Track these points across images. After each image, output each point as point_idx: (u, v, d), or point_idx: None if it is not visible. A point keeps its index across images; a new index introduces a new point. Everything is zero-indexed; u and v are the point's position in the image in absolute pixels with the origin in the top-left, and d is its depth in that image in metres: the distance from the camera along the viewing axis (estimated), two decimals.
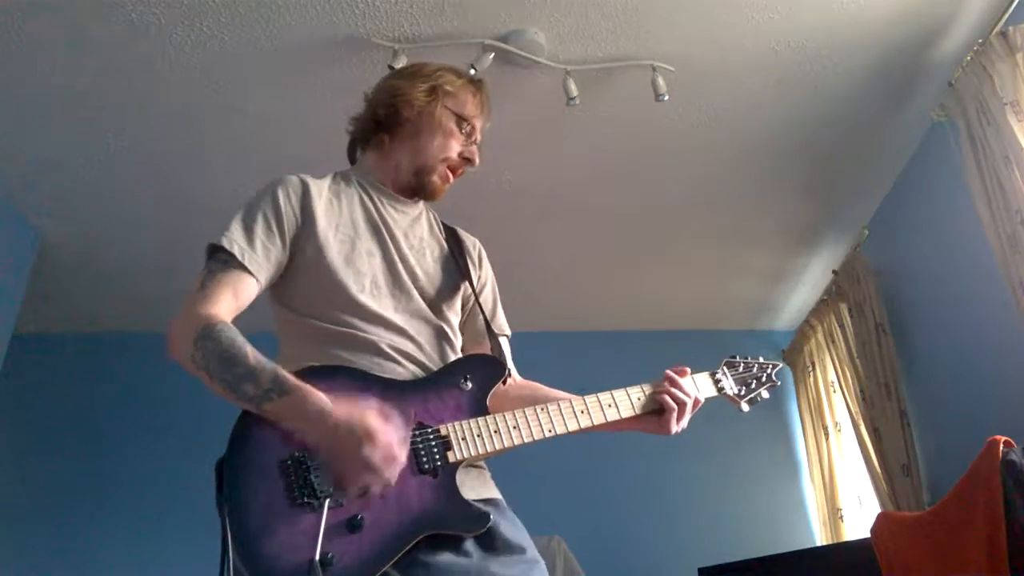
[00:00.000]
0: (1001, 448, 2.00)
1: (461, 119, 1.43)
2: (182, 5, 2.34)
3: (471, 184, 3.03)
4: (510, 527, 1.20)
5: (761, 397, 1.48)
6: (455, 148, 1.43)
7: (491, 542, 1.16)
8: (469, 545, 1.14)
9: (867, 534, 2.65)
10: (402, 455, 1.08)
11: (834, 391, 3.82)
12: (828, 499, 3.77)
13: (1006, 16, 2.44)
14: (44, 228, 3.29)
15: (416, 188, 1.43)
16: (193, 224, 3.24)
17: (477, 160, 1.46)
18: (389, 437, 1.06)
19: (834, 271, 3.77)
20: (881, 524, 2.62)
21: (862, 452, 3.39)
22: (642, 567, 3.68)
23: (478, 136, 1.47)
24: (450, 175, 1.44)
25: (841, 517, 3.66)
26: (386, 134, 1.44)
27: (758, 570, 3.14)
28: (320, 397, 1.08)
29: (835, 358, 3.72)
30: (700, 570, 3.25)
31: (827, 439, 3.83)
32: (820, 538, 3.85)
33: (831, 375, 3.83)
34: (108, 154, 2.91)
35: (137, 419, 3.84)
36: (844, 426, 3.73)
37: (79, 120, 2.75)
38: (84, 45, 2.45)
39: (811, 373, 4.05)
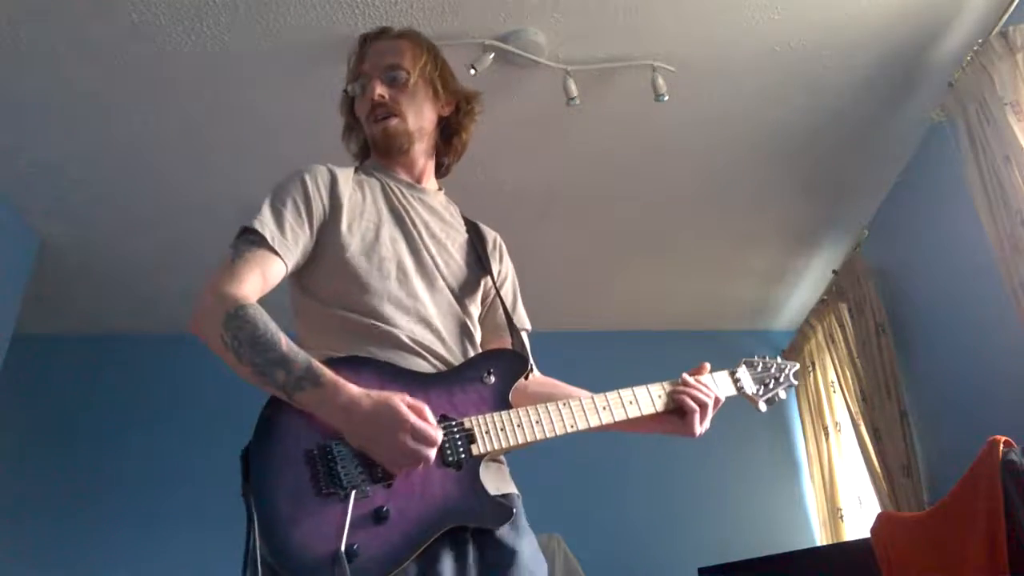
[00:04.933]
0: (1001, 448, 2.00)
1: (354, 82, 1.47)
2: (182, 5, 2.34)
3: (470, 184, 3.03)
4: (519, 529, 1.20)
5: (779, 397, 1.49)
6: (362, 106, 1.45)
7: (492, 543, 1.16)
8: (472, 545, 1.14)
9: (867, 534, 2.65)
10: (436, 435, 1.08)
11: (834, 391, 3.82)
12: (828, 499, 3.77)
13: (1006, 16, 2.45)
14: (43, 229, 3.29)
15: (381, 155, 1.46)
16: (193, 224, 3.26)
17: (372, 93, 1.42)
18: (421, 418, 1.07)
19: (834, 271, 3.77)
20: (881, 524, 2.61)
21: (862, 452, 3.39)
22: (642, 567, 3.68)
23: (376, 69, 1.44)
24: (377, 124, 1.43)
25: (841, 517, 3.66)
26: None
27: (758, 570, 3.14)
28: (351, 388, 1.09)
29: (835, 358, 3.72)
30: (700, 570, 3.25)
31: (827, 439, 3.83)
32: (820, 538, 3.85)
33: (831, 375, 3.83)
34: (108, 154, 2.91)
35: (137, 419, 3.84)
36: (844, 426, 3.73)
37: (79, 120, 2.75)
38: (84, 45, 2.45)
39: (811, 373, 4.05)
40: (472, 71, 2.47)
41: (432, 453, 1.07)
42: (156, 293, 3.70)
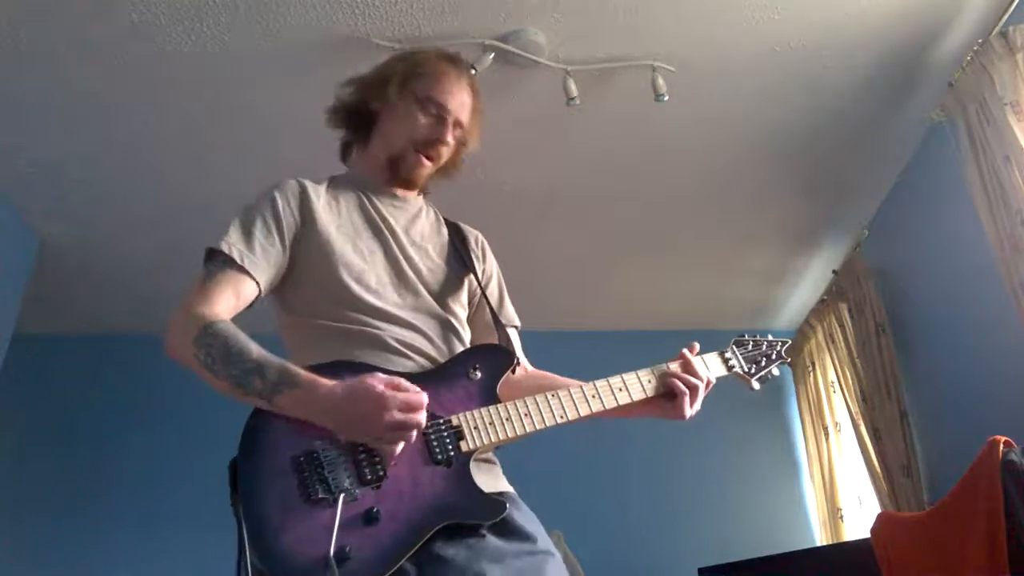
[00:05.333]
0: (1001, 448, 2.00)
1: (426, 100, 1.40)
2: (182, 5, 2.34)
3: (471, 184, 3.02)
4: (524, 517, 1.21)
5: (771, 375, 1.47)
6: (420, 130, 1.40)
7: (505, 531, 1.16)
8: (488, 541, 1.14)
9: (867, 534, 2.65)
10: (422, 398, 1.08)
11: (834, 391, 3.82)
12: (828, 499, 3.77)
13: (1006, 16, 2.45)
14: (44, 229, 3.28)
15: (393, 178, 1.43)
16: (193, 224, 3.25)
17: (447, 138, 1.41)
18: (400, 389, 1.07)
19: (834, 271, 3.77)
20: (881, 524, 2.61)
21: (862, 452, 3.39)
22: (642, 567, 3.68)
23: (455, 115, 1.42)
24: (423, 160, 1.42)
25: (841, 517, 3.66)
26: (364, 131, 1.47)
27: (758, 570, 3.14)
28: (327, 383, 1.09)
29: (835, 358, 3.72)
30: (700, 570, 3.25)
31: (827, 439, 3.83)
32: (820, 538, 3.85)
33: (831, 375, 3.83)
34: (108, 154, 2.91)
35: (137, 419, 3.84)
36: (844, 426, 3.73)
37: (79, 120, 2.75)
38: (84, 45, 2.45)
39: (811, 373, 4.05)
40: (472, 71, 2.47)
41: (422, 417, 1.07)
42: (156, 293, 3.69)
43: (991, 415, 2.71)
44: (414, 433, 1.08)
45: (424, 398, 1.09)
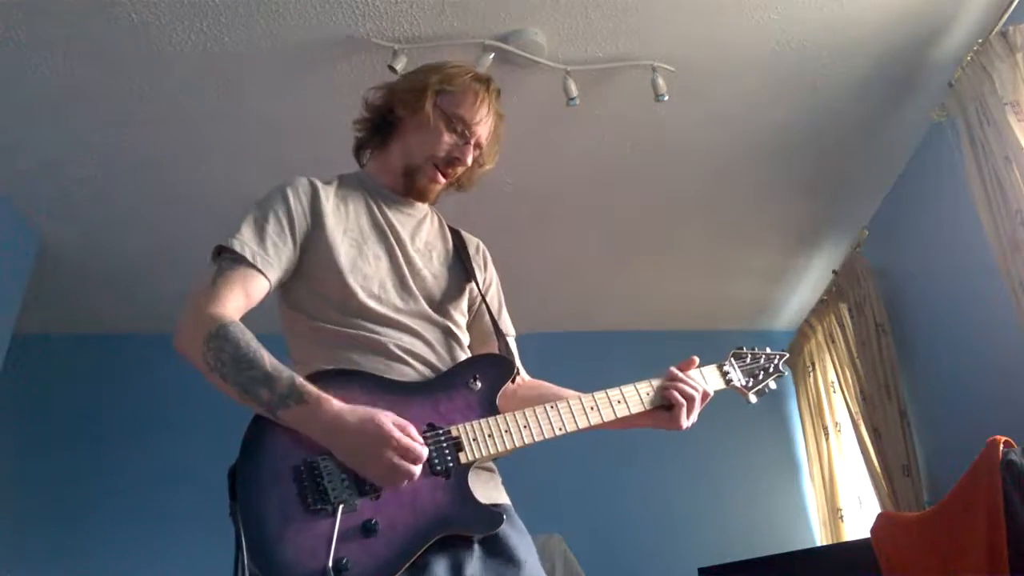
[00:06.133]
0: (1001, 448, 2.00)
1: (454, 118, 1.40)
2: (182, 5, 2.34)
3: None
4: (517, 536, 1.21)
5: (769, 388, 1.48)
6: (443, 147, 1.39)
7: (496, 551, 1.16)
8: (475, 555, 1.14)
9: (867, 534, 2.66)
10: (422, 451, 1.08)
11: (834, 391, 3.82)
12: (828, 499, 3.77)
13: (1006, 16, 2.44)
14: (44, 228, 3.28)
15: (406, 189, 1.43)
16: (193, 224, 3.25)
17: (468, 160, 1.42)
18: (406, 434, 1.07)
19: (834, 271, 3.77)
20: (881, 524, 2.62)
21: (862, 452, 3.39)
22: (642, 567, 3.68)
23: (477, 137, 1.42)
24: (439, 176, 1.42)
25: (841, 517, 3.66)
26: (384, 135, 1.46)
27: (758, 570, 3.14)
28: (335, 404, 1.09)
29: (835, 358, 3.72)
30: (700, 570, 3.25)
31: (827, 439, 3.83)
32: (820, 538, 3.85)
33: (831, 375, 3.83)
34: (108, 154, 2.91)
35: (137, 419, 3.84)
36: (844, 426, 3.73)
37: (79, 120, 2.75)
38: (84, 45, 2.45)
39: (811, 373, 4.05)
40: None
41: (417, 469, 1.07)
42: (156, 293, 3.70)
43: (991, 415, 2.71)
44: (406, 482, 1.07)
45: (424, 452, 1.08)
